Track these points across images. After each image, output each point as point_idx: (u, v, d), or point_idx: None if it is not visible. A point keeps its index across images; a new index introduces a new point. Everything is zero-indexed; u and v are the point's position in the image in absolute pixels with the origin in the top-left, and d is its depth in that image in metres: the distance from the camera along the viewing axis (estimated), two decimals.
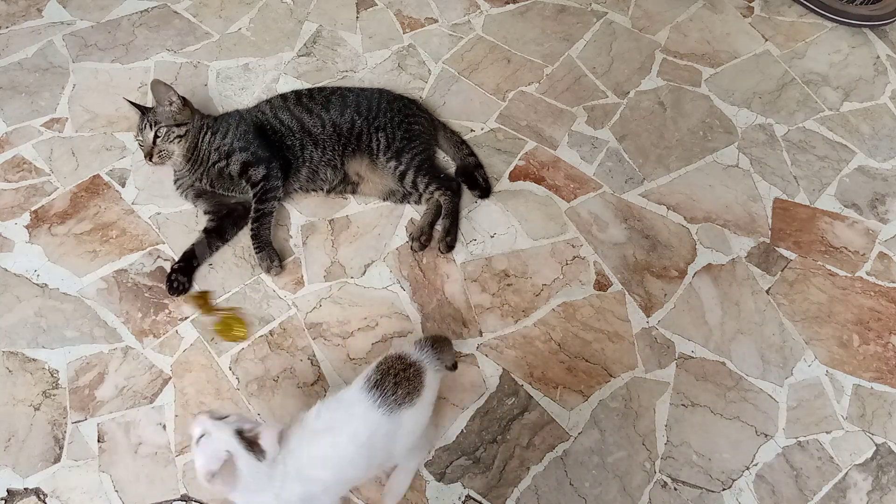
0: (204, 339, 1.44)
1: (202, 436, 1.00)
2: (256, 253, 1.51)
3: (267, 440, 1.01)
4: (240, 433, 1.00)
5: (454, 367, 1.32)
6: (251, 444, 1.00)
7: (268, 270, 1.51)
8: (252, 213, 1.54)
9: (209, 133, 1.56)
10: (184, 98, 1.57)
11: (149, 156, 1.53)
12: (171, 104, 1.54)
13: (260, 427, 1.02)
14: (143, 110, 1.57)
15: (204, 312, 1.45)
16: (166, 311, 1.47)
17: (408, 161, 1.59)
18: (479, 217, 1.63)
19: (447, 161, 1.73)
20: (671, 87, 1.88)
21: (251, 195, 1.55)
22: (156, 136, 1.52)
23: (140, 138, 1.56)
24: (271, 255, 1.51)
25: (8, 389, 1.37)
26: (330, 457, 1.06)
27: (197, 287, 1.49)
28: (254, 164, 1.54)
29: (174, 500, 1.28)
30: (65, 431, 1.33)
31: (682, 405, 1.40)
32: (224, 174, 1.56)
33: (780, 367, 1.45)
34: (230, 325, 1.43)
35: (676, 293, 1.54)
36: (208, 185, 1.57)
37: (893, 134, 1.81)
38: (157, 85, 1.53)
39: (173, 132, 1.53)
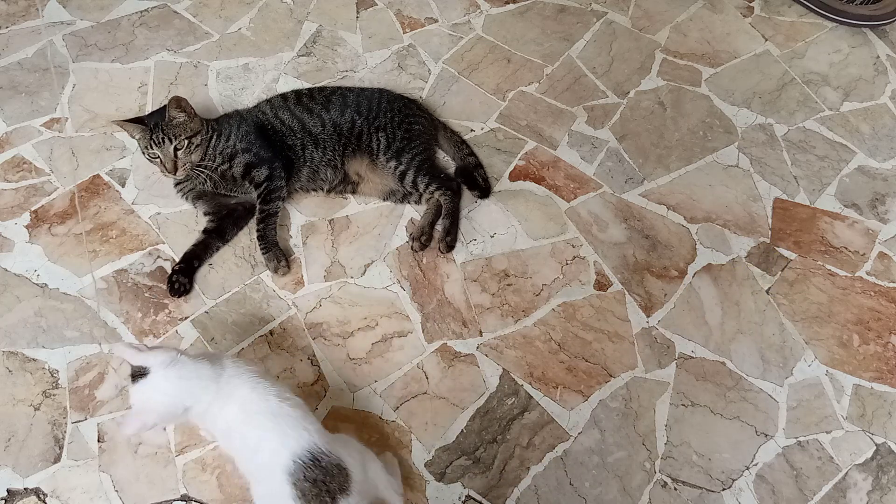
0: (204, 339, 1.44)
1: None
2: (263, 254, 1.51)
3: (133, 359, 1.02)
4: (133, 376, 1.02)
5: None
6: (139, 374, 1.01)
7: (275, 270, 1.51)
8: (257, 213, 1.53)
9: (214, 136, 1.55)
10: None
11: (173, 170, 1.47)
12: (185, 114, 1.48)
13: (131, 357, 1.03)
14: (144, 123, 1.49)
15: None
16: (166, 311, 1.47)
17: (408, 161, 1.59)
18: (479, 217, 1.63)
19: (447, 161, 1.73)
20: (671, 87, 1.88)
21: (255, 196, 1.55)
22: (176, 150, 1.47)
23: (154, 152, 1.47)
24: (278, 255, 1.51)
25: (8, 389, 1.37)
26: None
27: None
28: (257, 166, 1.54)
29: (174, 500, 1.28)
30: (65, 431, 1.33)
31: (682, 405, 1.40)
32: (227, 176, 1.56)
33: (780, 366, 1.45)
34: None
35: (676, 293, 1.54)
36: (211, 186, 1.57)
37: (893, 134, 1.81)
38: (176, 100, 1.46)
39: (193, 142, 1.49)
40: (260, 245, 1.52)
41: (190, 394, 1.02)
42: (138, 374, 1.02)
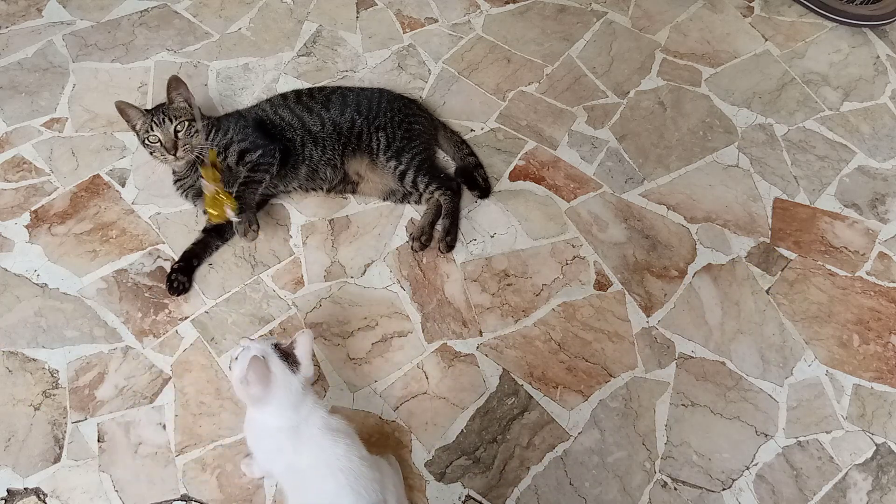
0: (204, 339, 1.44)
1: (241, 351, 1.09)
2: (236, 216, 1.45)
3: (302, 347, 1.11)
4: (276, 346, 1.11)
5: None
6: (286, 355, 1.11)
7: (244, 234, 1.43)
8: (241, 179, 1.49)
9: (213, 130, 1.55)
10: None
11: (173, 149, 1.46)
12: (185, 101, 1.50)
13: (297, 336, 1.12)
14: (146, 110, 1.52)
15: (209, 179, 1.40)
16: (166, 310, 1.47)
17: (408, 161, 1.59)
18: (479, 217, 1.63)
19: (447, 161, 1.73)
20: (671, 86, 1.88)
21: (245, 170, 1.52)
22: (176, 130, 1.47)
23: (154, 135, 1.47)
24: (250, 218, 1.44)
25: (8, 389, 1.37)
26: None
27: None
28: (251, 150, 1.52)
29: (174, 500, 1.28)
30: (65, 431, 1.33)
31: (682, 405, 1.40)
32: (223, 168, 1.55)
33: (780, 366, 1.45)
34: (220, 201, 1.39)
35: (676, 293, 1.54)
36: None
37: (893, 134, 1.81)
38: (175, 81, 1.48)
39: (193, 126, 1.49)
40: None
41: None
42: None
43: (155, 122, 1.47)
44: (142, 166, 1.66)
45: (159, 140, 1.47)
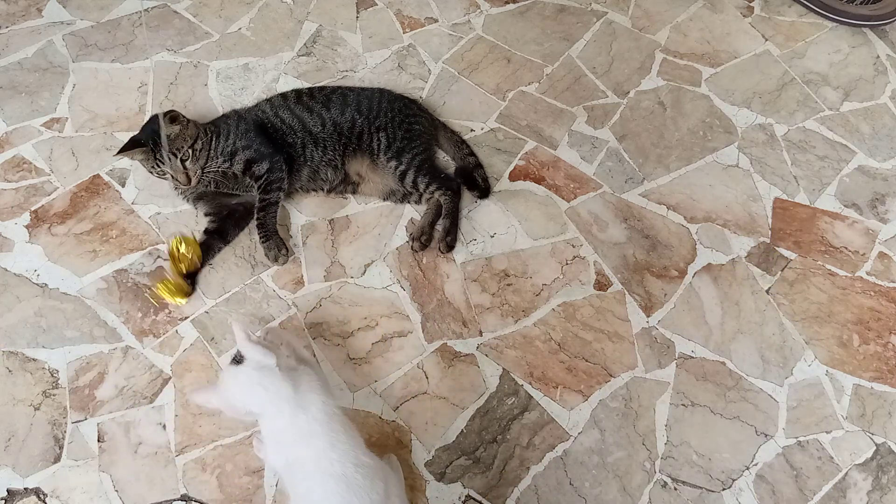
0: (204, 339, 1.44)
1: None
2: (263, 243, 1.50)
3: (239, 343, 1.06)
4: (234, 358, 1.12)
5: None
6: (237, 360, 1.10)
7: (275, 259, 1.50)
8: (257, 203, 1.53)
9: (214, 137, 1.54)
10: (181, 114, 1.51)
11: (187, 181, 1.47)
12: (179, 125, 1.46)
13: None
14: (141, 143, 1.45)
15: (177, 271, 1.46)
16: (166, 310, 1.47)
17: (408, 161, 1.59)
18: (479, 217, 1.63)
19: (447, 161, 1.73)
20: (671, 86, 1.88)
21: (255, 188, 1.54)
22: (183, 161, 1.46)
23: (163, 170, 1.45)
24: (278, 243, 1.50)
25: (8, 389, 1.37)
26: None
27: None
28: (257, 161, 1.53)
29: (174, 500, 1.28)
30: (65, 431, 1.33)
31: (682, 405, 1.40)
32: (228, 174, 1.56)
33: (780, 366, 1.45)
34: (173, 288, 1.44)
35: (676, 293, 1.54)
36: (212, 186, 1.57)
37: (893, 134, 1.81)
38: (166, 115, 1.44)
39: (196, 148, 1.48)
40: (259, 234, 1.51)
41: (259, 405, 1.04)
42: (236, 359, 1.07)
43: (159, 160, 1.45)
44: (141, 167, 1.65)
45: (169, 174, 1.47)
